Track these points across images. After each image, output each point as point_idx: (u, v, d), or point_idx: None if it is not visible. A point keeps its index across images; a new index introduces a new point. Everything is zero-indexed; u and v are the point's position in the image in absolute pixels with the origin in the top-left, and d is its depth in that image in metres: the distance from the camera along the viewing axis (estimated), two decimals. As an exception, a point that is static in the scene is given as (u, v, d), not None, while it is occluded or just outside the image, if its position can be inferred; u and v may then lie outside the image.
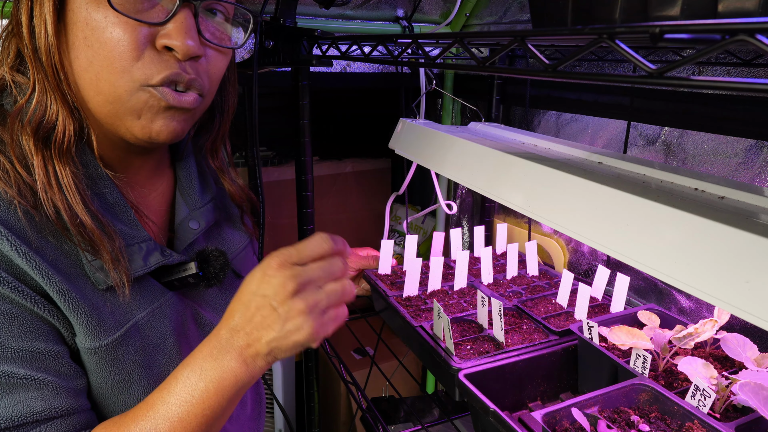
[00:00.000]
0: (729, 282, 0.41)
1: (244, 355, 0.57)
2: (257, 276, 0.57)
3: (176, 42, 0.59)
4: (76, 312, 0.58)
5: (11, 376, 0.54)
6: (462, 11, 1.49)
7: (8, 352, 0.54)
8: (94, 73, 0.58)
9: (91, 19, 0.57)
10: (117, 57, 0.57)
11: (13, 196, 0.56)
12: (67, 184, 0.58)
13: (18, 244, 0.55)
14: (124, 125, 0.62)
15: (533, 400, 0.87)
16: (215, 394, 0.56)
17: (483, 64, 0.50)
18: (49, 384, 0.56)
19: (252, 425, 0.89)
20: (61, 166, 0.59)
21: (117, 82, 0.58)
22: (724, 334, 0.78)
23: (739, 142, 0.93)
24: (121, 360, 0.62)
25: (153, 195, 0.74)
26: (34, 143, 0.58)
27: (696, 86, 0.33)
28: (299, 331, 0.56)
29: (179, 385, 0.56)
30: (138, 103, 0.60)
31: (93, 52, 0.57)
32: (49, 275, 0.56)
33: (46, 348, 0.57)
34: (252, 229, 0.88)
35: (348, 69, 1.60)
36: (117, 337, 0.61)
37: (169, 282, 0.69)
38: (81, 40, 0.57)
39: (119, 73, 0.58)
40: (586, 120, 1.24)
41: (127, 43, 0.57)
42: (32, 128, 0.58)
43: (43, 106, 0.59)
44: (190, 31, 0.60)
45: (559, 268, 1.33)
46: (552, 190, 0.61)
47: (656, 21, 0.36)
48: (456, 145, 0.83)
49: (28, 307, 0.56)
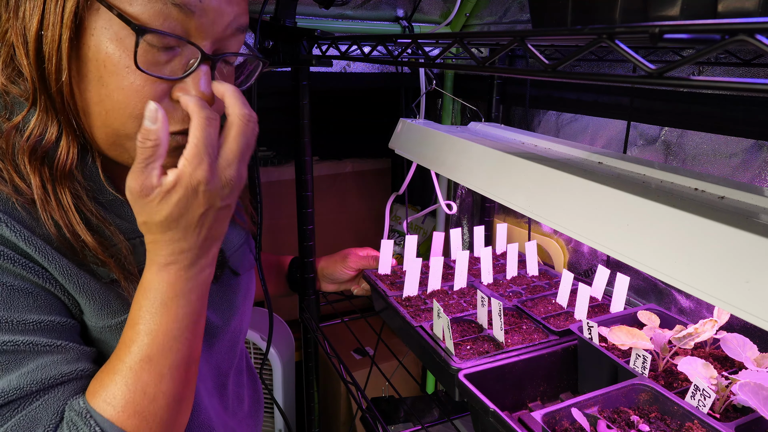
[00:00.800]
0: (729, 282, 0.41)
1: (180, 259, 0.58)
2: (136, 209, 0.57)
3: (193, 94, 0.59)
4: (81, 292, 0.59)
5: (34, 344, 0.55)
6: (462, 11, 1.49)
7: (29, 324, 0.55)
8: (104, 109, 0.57)
9: (110, 62, 0.55)
10: (132, 104, 0.56)
11: (9, 194, 0.56)
12: (67, 205, 0.58)
13: (18, 228, 0.55)
14: (128, 155, 0.61)
15: (533, 400, 0.87)
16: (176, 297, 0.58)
17: (483, 64, 0.50)
18: (72, 349, 0.58)
19: (250, 422, 0.89)
20: (62, 187, 0.58)
21: (127, 123, 0.57)
22: (724, 334, 0.78)
23: (739, 142, 0.93)
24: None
25: None
26: (30, 161, 0.57)
27: (696, 86, 0.33)
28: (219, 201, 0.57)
29: (142, 308, 0.58)
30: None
31: (107, 92, 0.56)
32: (51, 258, 0.57)
33: (62, 320, 0.58)
34: (247, 225, 0.88)
35: (348, 69, 1.60)
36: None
37: None
38: (96, 77, 0.55)
39: (131, 117, 0.57)
40: (586, 120, 1.24)
41: (145, 95, 0.56)
42: (29, 146, 0.57)
43: (43, 124, 0.58)
44: (207, 85, 0.59)
45: (559, 268, 1.33)
46: (552, 190, 0.61)
47: (656, 21, 0.36)
48: (456, 145, 0.83)
49: (39, 283, 0.57)
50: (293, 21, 1.03)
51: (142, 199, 0.54)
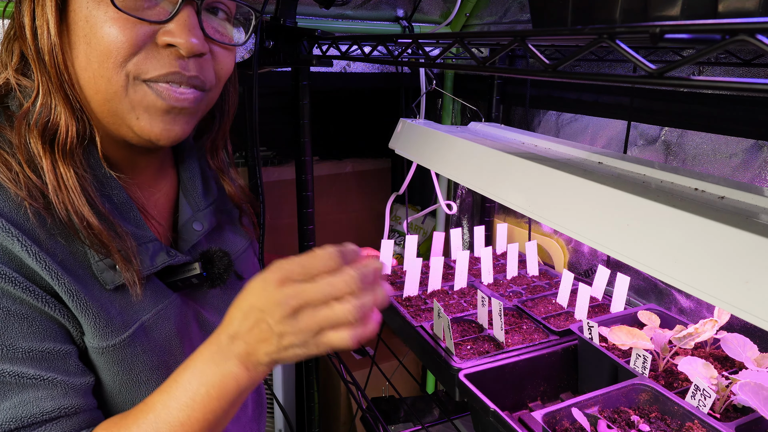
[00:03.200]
0: (729, 282, 0.41)
1: (245, 361, 0.56)
2: (258, 287, 0.56)
3: (179, 39, 0.59)
4: (85, 312, 0.58)
5: (21, 376, 0.55)
6: (462, 11, 1.49)
7: (18, 352, 0.55)
8: (91, 71, 0.58)
9: (91, 16, 0.57)
10: (113, 52, 0.57)
11: (24, 198, 0.56)
12: (72, 186, 0.58)
13: (29, 244, 0.55)
14: (125, 124, 0.61)
15: (533, 400, 0.87)
16: (217, 399, 0.56)
17: (483, 64, 0.50)
18: (58, 383, 0.57)
19: (253, 426, 0.89)
20: (66, 167, 0.58)
21: (113, 77, 0.58)
22: (724, 334, 0.78)
23: (739, 142, 0.93)
24: (129, 360, 0.62)
25: (157, 196, 0.74)
26: (42, 145, 0.58)
27: (696, 86, 0.33)
28: (296, 348, 0.55)
29: (180, 389, 0.56)
30: (135, 99, 0.60)
31: (90, 48, 0.57)
32: (58, 275, 0.56)
33: (55, 348, 0.57)
34: (251, 230, 0.88)
35: (348, 69, 1.60)
36: (125, 337, 0.61)
37: (172, 283, 0.69)
38: (81, 38, 0.58)
39: (114, 68, 0.58)
40: (586, 120, 1.24)
41: (124, 39, 0.57)
42: (39, 130, 0.58)
43: (48, 108, 0.59)
44: (194, 29, 0.60)
45: (559, 268, 1.33)
46: (552, 190, 0.61)
47: (656, 21, 0.36)
48: (456, 145, 0.83)
49: (39, 306, 0.56)
50: (293, 21, 1.04)
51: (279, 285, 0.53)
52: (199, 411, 0.55)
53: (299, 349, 0.55)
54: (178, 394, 0.56)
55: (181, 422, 0.55)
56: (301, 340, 0.54)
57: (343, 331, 0.54)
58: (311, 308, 0.53)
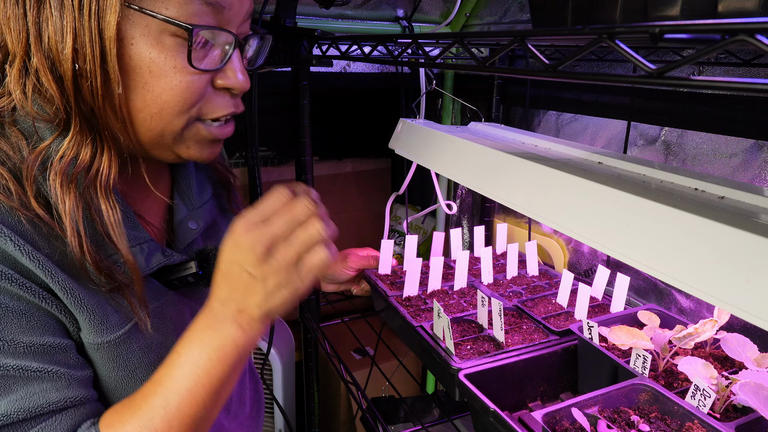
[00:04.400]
0: (729, 282, 0.41)
1: (239, 320, 0.58)
2: (228, 244, 0.58)
3: (235, 83, 0.63)
4: (80, 308, 0.59)
5: (25, 369, 0.55)
6: (462, 11, 1.49)
7: (20, 347, 0.55)
8: (149, 114, 0.59)
9: (155, 66, 0.56)
10: (180, 102, 0.59)
11: (17, 209, 0.56)
12: (114, 222, 0.59)
13: (22, 243, 0.55)
14: (170, 151, 0.64)
15: (533, 400, 0.87)
16: (219, 362, 0.58)
17: (483, 64, 0.50)
18: (62, 375, 0.58)
19: (251, 424, 0.89)
20: (108, 204, 0.59)
21: (173, 121, 0.60)
22: (724, 334, 0.78)
23: (739, 142, 0.93)
24: (125, 357, 0.63)
25: (151, 196, 0.74)
26: (66, 185, 0.57)
27: (696, 86, 0.33)
28: (283, 287, 0.57)
29: (182, 359, 0.58)
30: (188, 136, 0.63)
31: (153, 96, 0.58)
32: (52, 273, 0.56)
33: (55, 342, 0.58)
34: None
35: (348, 69, 1.60)
36: (121, 334, 0.62)
37: (169, 281, 0.69)
38: (140, 84, 0.57)
39: (178, 114, 0.60)
40: (586, 120, 1.24)
41: (193, 91, 0.59)
42: (62, 169, 0.57)
43: (76, 146, 0.57)
44: (243, 69, 0.64)
45: (559, 268, 1.33)
46: (552, 190, 0.61)
47: (656, 21, 0.36)
48: (456, 145, 0.83)
49: (35, 302, 0.56)
50: (293, 21, 1.04)
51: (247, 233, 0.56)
52: (204, 377, 0.58)
53: (285, 290, 0.57)
54: (181, 363, 0.58)
55: (188, 389, 0.57)
56: (285, 278, 0.56)
57: (319, 250, 0.57)
58: (282, 241, 0.56)
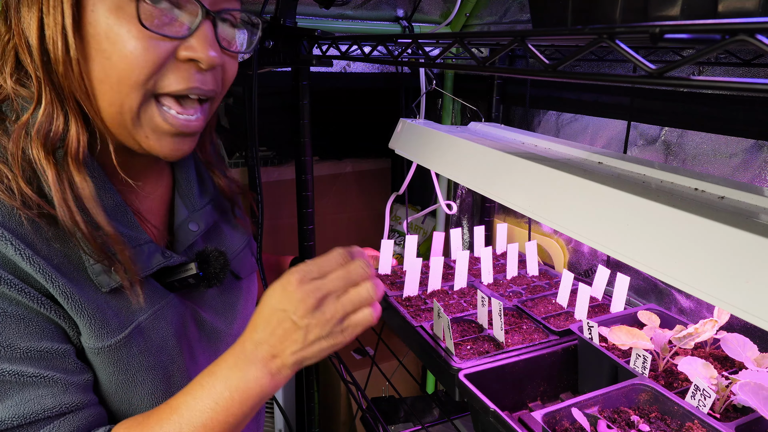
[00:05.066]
0: (729, 282, 0.41)
1: (269, 366, 0.59)
2: (278, 291, 0.59)
3: (201, 54, 0.60)
4: (80, 313, 0.58)
5: (21, 374, 0.55)
6: (462, 11, 1.49)
7: (17, 352, 0.55)
8: (109, 85, 0.58)
9: (112, 32, 0.56)
10: (136, 70, 0.57)
11: (18, 208, 0.56)
12: (88, 196, 0.59)
13: (22, 248, 0.55)
14: (133, 138, 0.62)
15: (533, 400, 0.87)
16: (239, 403, 0.58)
17: (483, 64, 0.50)
18: (58, 381, 0.57)
19: (251, 425, 0.89)
20: (81, 177, 0.59)
21: (131, 93, 0.58)
22: (724, 334, 0.78)
23: (739, 142, 0.93)
24: (125, 361, 0.63)
25: (152, 197, 0.74)
26: (45, 156, 0.57)
27: (696, 86, 0.33)
28: (322, 340, 0.59)
29: (204, 392, 0.58)
30: (144, 119, 0.61)
31: (111, 64, 0.57)
32: (52, 278, 0.56)
33: (53, 347, 0.58)
34: (246, 223, 0.88)
35: (348, 69, 1.60)
36: (121, 338, 0.62)
37: (169, 283, 0.69)
38: (99, 52, 0.57)
39: (135, 84, 0.58)
40: (586, 120, 1.24)
41: (149, 58, 0.57)
42: (41, 141, 0.57)
43: (50, 117, 0.58)
44: (213, 42, 0.61)
45: (559, 268, 1.33)
46: (552, 190, 0.61)
47: (656, 21, 0.36)
48: (456, 145, 0.83)
49: (34, 308, 0.56)
50: (293, 21, 1.04)
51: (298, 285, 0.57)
52: (222, 414, 0.58)
53: (325, 341, 0.59)
54: (202, 396, 0.58)
55: (203, 424, 0.57)
56: (327, 331, 0.58)
57: (366, 311, 0.60)
58: (333, 296, 0.59)
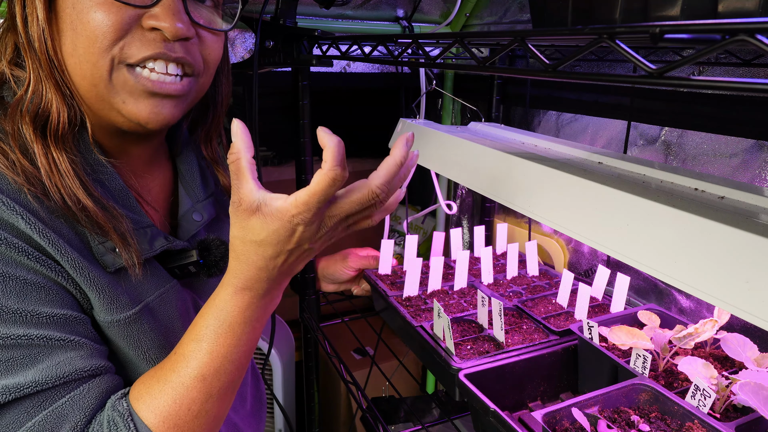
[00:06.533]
0: (729, 282, 0.41)
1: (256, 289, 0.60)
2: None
3: (164, 23, 0.60)
4: (91, 286, 0.59)
5: (49, 338, 0.56)
6: (462, 11, 1.49)
7: (42, 317, 0.56)
8: (77, 56, 0.59)
9: (77, 2, 0.58)
10: (99, 37, 0.58)
11: (22, 184, 0.57)
12: (65, 170, 0.59)
13: (33, 221, 0.56)
14: (113, 108, 0.62)
15: (533, 400, 0.87)
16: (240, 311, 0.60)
17: (483, 64, 0.50)
18: (84, 345, 0.58)
19: (252, 421, 0.89)
20: (59, 152, 0.60)
21: (98, 62, 0.59)
22: (724, 334, 0.78)
23: (739, 142, 0.93)
24: (136, 336, 0.64)
25: (152, 185, 0.75)
26: (33, 131, 0.59)
27: (696, 86, 0.33)
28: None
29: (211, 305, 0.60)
30: (119, 84, 0.61)
31: (77, 34, 0.58)
32: (63, 251, 0.57)
33: (73, 314, 0.59)
34: None
35: (348, 69, 1.60)
36: (131, 314, 0.63)
37: (171, 269, 0.70)
38: (68, 24, 0.59)
39: (100, 53, 0.59)
40: (586, 120, 1.24)
41: (110, 23, 0.58)
42: (30, 117, 0.59)
43: (39, 95, 0.60)
44: (179, 13, 0.61)
45: (559, 268, 1.33)
46: (552, 190, 0.61)
47: (656, 21, 0.36)
48: (456, 145, 0.83)
49: (52, 276, 0.57)
50: (293, 21, 1.04)
51: (238, 210, 0.56)
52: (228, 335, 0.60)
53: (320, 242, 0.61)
54: (208, 313, 0.60)
55: (210, 350, 0.59)
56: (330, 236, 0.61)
57: (363, 222, 0.63)
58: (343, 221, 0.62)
